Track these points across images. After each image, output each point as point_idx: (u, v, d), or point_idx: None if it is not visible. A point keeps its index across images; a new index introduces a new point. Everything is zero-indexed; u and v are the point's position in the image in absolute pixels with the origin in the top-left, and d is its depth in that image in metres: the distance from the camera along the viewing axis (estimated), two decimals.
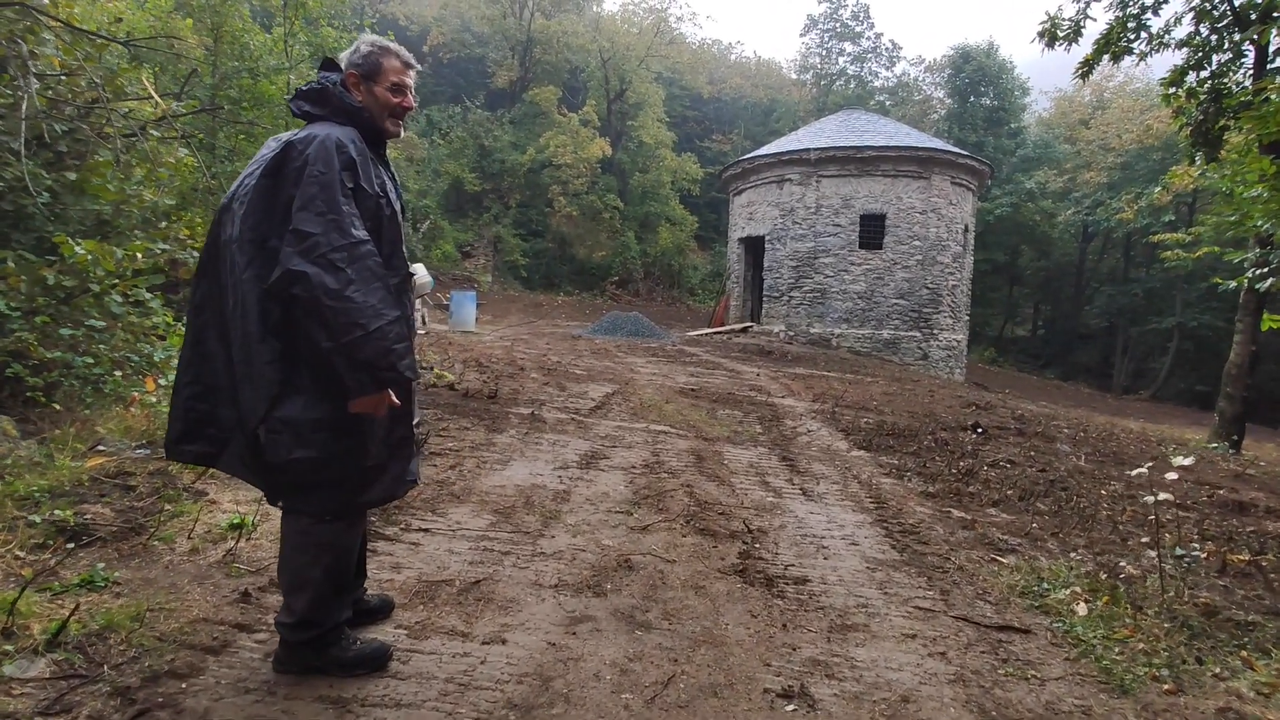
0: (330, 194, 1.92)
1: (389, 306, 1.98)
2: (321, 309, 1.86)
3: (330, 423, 2.01)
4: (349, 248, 1.91)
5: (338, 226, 1.91)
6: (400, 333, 2.00)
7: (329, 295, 1.86)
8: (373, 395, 1.99)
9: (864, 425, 7.72)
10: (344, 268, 1.90)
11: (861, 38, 40.32)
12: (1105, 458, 7.76)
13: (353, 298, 1.90)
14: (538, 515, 3.75)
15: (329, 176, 1.93)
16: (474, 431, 5.59)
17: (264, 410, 1.93)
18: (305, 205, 1.89)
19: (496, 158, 29.61)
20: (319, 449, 1.99)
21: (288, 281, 1.86)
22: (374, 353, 1.92)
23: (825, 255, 19.11)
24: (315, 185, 1.91)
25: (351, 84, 2.19)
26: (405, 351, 2.01)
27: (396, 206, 2.22)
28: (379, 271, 1.99)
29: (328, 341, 1.89)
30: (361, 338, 1.90)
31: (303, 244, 1.86)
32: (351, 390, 1.97)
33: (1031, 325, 38.33)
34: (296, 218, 1.88)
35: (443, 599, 2.69)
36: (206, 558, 2.81)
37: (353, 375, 1.94)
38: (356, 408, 2.01)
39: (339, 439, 2.03)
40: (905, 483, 5.29)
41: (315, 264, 1.86)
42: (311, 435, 1.98)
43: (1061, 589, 3.14)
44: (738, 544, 3.54)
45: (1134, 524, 4.62)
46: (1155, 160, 27.45)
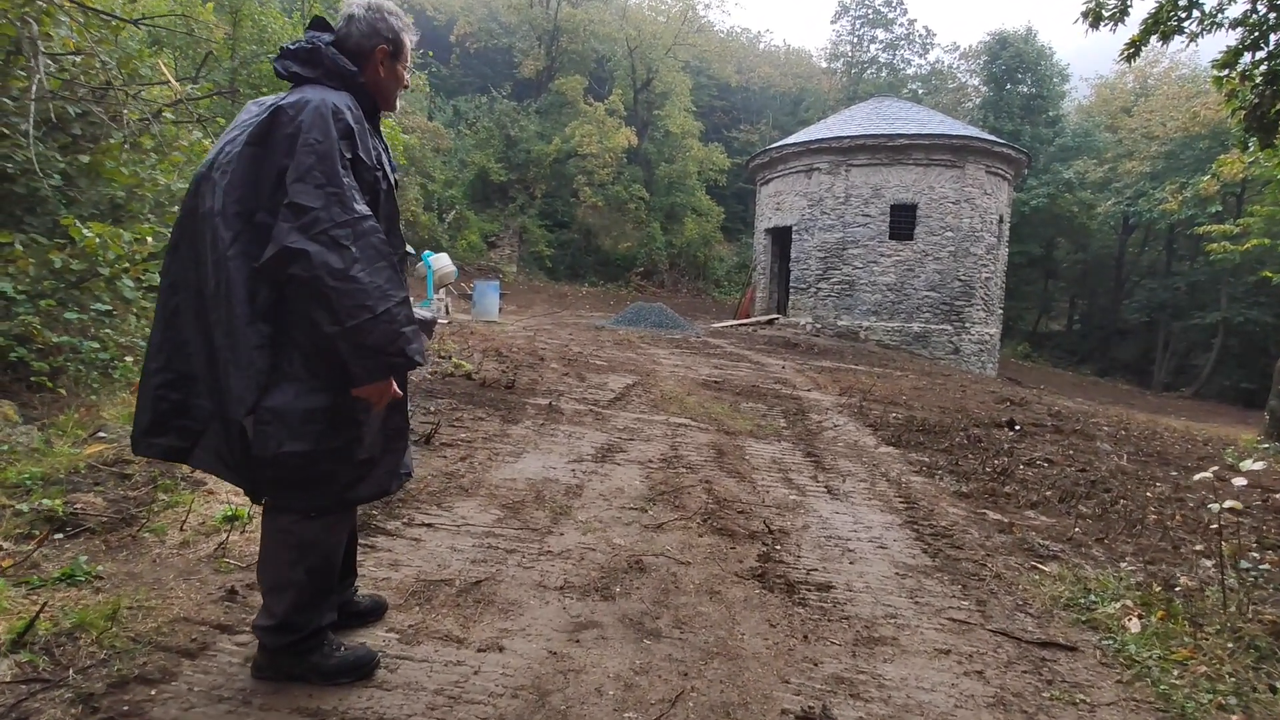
0: (329, 165, 1.75)
1: (395, 287, 1.83)
2: (324, 290, 1.71)
3: (325, 413, 1.85)
4: (352, 223, 1.76)
5: (339, 200, 1.75)
6: (408, 315, 1.85)
7: (333, 275, 1.71)
8: (379, 382, 1.85)
9: (893, 420, 7.45)
10: (348, 245, 1.74)
11: (894, 24, 39.44)
12: (1149, 457, 7.39)
13: (358, 278, 1.74)
14: (548, 511, 3.58)
15: (326, 145, 1.76)
16: (488, 422, 5.45)
17: (252, 400, 1.77)
18: (302, 177, 1.72)
19: (522, 148, 29.50)
20: (312, 441, 1.83)
21: (285, 260, 1.70)
22: (382, 337, 1.78)
23: (854, 246, 18.68)
24: (312, 155, 1.74)
25: (381, 59, 2.04)
26: (414, 335, 1.87)
27: (392, 180, 2.05)
28: (384, 249, 1.83)
29: (332, 325, 1.74)
30: (369, 321, 1.75)
31: (301, 219, 1.70)
32: (357, 377, 1.82)
33: (1067, 320, 37.28)
34: (293, 190, 1.71)
35: (440, 600, 2.53)
36: (197, 551, 2.69)
37: (359, 361, 1.79)
38: (360, 395, 1.86)
39: (334, 431, 1.87)
40: (937, 481, 5.03)
41: (316, 241, 1.70)
42: (304, 427, 1.82)
43: (1111, 602, 2.89)
44: (757, 545, 3.33)
45: (1186, 530, 4.32)
46: (1202, 149, 26.40)
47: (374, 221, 1.83)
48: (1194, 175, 25.31)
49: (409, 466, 2.19)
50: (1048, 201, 30.08)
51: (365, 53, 2.02)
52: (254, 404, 1.78)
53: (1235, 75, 11.19)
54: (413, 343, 1.86)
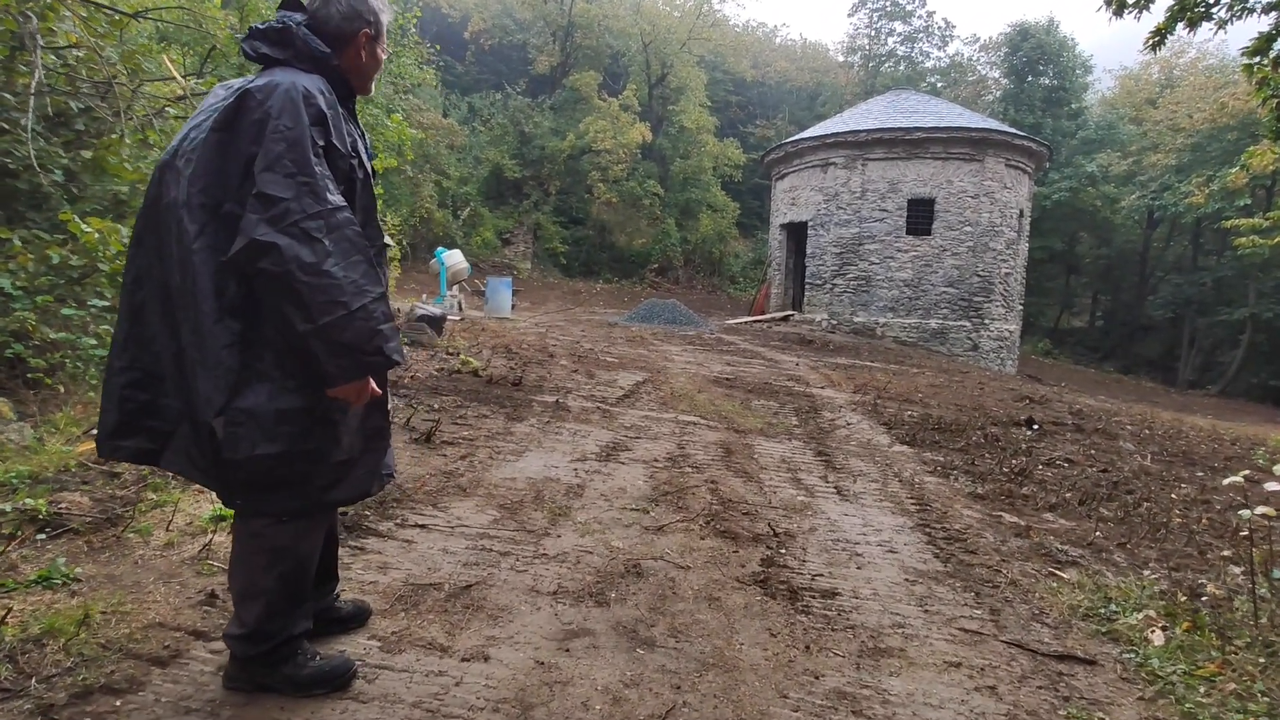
0: (300, 153, 1.66)
1: (372, 282, 1.74)
2: (296, 286, 1.62)
3: (299, 413, 1.76)
4: (325, 215, 1.66)
5: (311, 190, 1.65)
6: (386, 311, 1.76)
7: (305, 270, 1.62)
8: (356, 382, 1.76)
9: (908, 419, 7.28)
10: (320, 238, 1.65)
11: (913, 16, 38.90)
12: (1174, 458, 7.16)
13: (332, 273, 1.65)
14: (546, 512, 3.48)
15: (296, 132, 1.67)
16: (492, 420, 5.37)
17: (222, 400, 1.69)
18: (271, 165, 1.63)
19: (536, 144, 29.46)
20: (286, 443, 1.75)
21: (254, 254, 1.61)
22: (358, 334, 1.69)
23: (870, 241, 18.42)
24: (282, 142, 1.65)
25: (363, 43, 1.94)
26: (392, 333, 1.77)
27: (369, 168, 1.96)
28: (359, 242, 1.74)
29: (304, 323, 1.65)
30: (344, 318, 1.66)
31: (270, 210, 1.61)
32: (332, 377, 1.73)
33: (1089, 316, 36.62)
34: (261, 180, 1.62)
35: (427, 606, 2.44)
36: (181, 552, 2.62)
37: (334, 360, 1.70)
38: (336, 395, 1.77)
39: (309, 431, 1.79)
40: (951, 482, 4.88)
41: (286, 234, 1.61)
42: (277, 427, 1.73)
43: (1133, 611, 2.74)
44: (761, 549, 3.21)
45: (1213, 534, 4.14)
46: (1230, 141, 25.71)
47: (348, 213, 1.74)
48: (1221, 168, 24.66)
49: (390, 467, 2.10)
50: (1070, 195, 29.52)
51: (346, 37, 1.92)
52: (224, 405, 1.69)
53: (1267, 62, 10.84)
54: (390, 340, 1.77)
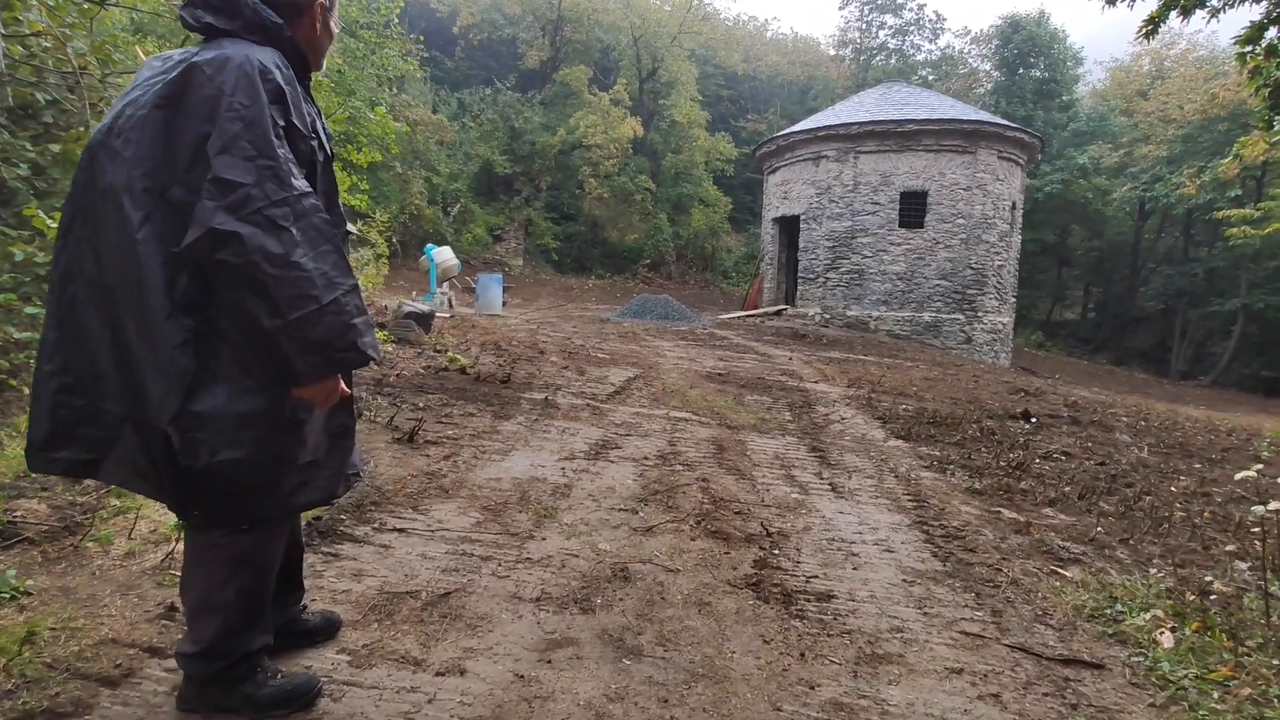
0: (259, 133, 1.52)
1: (343, 273, 1.61)
2: (261, 279, 1.49)
3: (263, 415, 1.63)
4: (290, 201, 1.53)
5: (274, 175, 1.52)
6: (359, 304, 1.63)
7: (271, 262, 1.48)
8: (327, 380, 1.64)
9: (902, 413, 7.18)
10: (287, 226, 1.52)
11: (904, 9, 38.75)
12: (1171, 449, 7.10)
13: (301, 264, 1.52)
14: (531, 513, 3.36)
15: (254, 110, 1.53)
16: (479, 418, 5.24)
17: (176, 404, 1.55)
18: (228, 147, 1.49)
19: (527, 139, 29.23)
20: (249, 448, 1.62)
21: (212, 244, 1.47)
22: (330, 330, 1.56)
23: (863, 235, 18.32)
24: (238, 122, 1.51)
25: (319, 14, 1.80)
26: (366, 327, 1.64)
27: (329, 150, 1.83)
28: (328, 231, 1.61)
29: (272, 319, 1.51)
30: (315, 312, 1.53)
31: (229, 197, 1.47)
32: (302, 375, 1.60)
33: (1081, 308, 36.69)
34: (218, 163, 1.48)
35: (402, 615, 2.32)
36: (142, 562, 2.49)
37: (304, 358, 1.57)
38: (304, 395, 1.64)
39: (274, 434, 1.66)
40: (948, 477, 4.78)
41: (248, 222, 1.47)
42: (239, 432, 1.60)
43: (1139, 611, 2.64)
44: (753, 550, 3.10)
45: (1216, 528, 4.05)
46: (1220, 132, 25.72)
47: (315, 199, 1.61)
48: (1212, 159, 24.68)
49: (357, 465, 1.98)
50: (1061, 188, 29.51)
51: (300, 6, 1.78)
52: (179, 409, 1.56)
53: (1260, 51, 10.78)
54: (365, 335, 1.64)
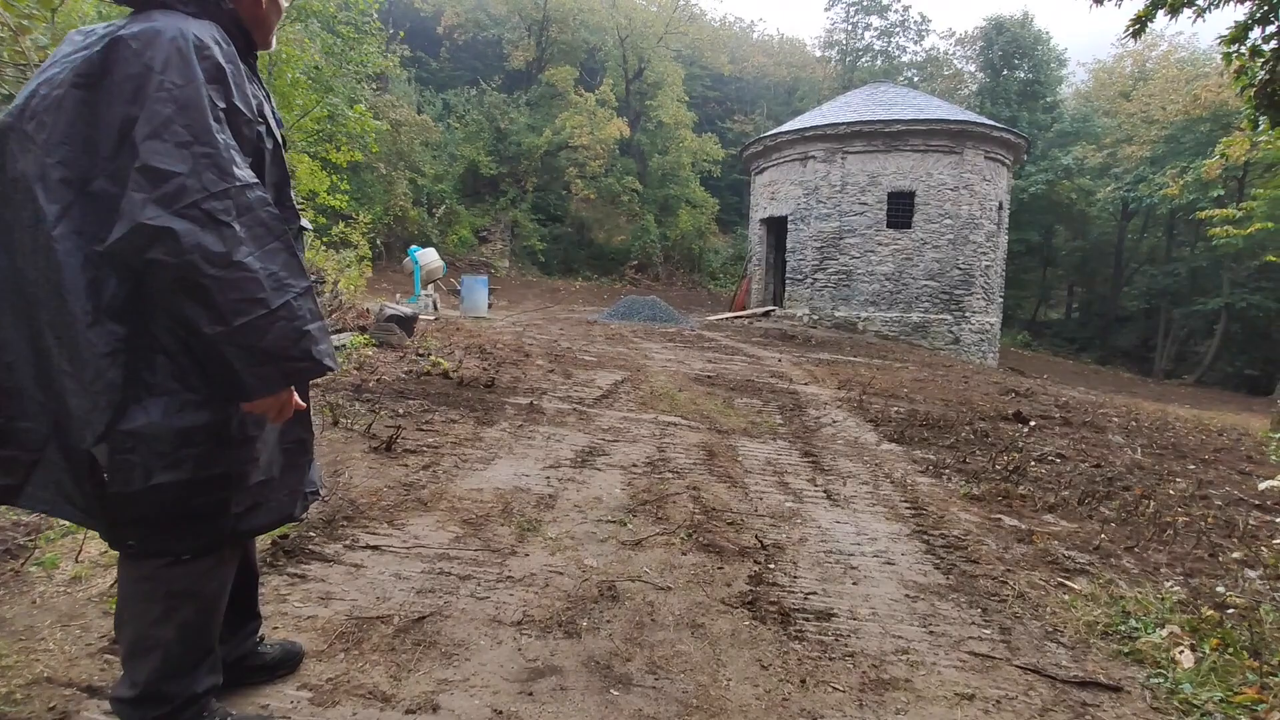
0: (195, 116, 1.34)
1: (295, 274, 1.43)
2: (201, 281, 1.31)
3: (206, 431, 1.46)
4: (232, 193, 1.35)
5: (213, 163, 1.34)
6: (314, 308, 1.45)
7: (211, 261, 1.31)
8: (279, 393, 1.46)
9: (894, 415, 7.07)
10: (228, 222, 1.34)
11: (889, 11, 38.90)
12: (1164, 450, 7.03)
13: (246, 264, 1.35)
14: (514, 526, 3.19)
15: (189, 91, 1.35)
16: (461, 425, 5.05)
17: (104, 423, 1.38)
18: (158, 132, 1.31)
19: (513, 140, 28.99)
20: (191, 468, 1.44)
21: (141, 242, 1.29)
22: (281, 337, 1.38)
23: (851, 235, 18.27)
24: (170, 104, 1.33)
25: None
26: (321, 333, 1.46)
27: (278, 137, 1.65)
28: (277, 226, 1.43)
29: (214, 326, 1.33)
30: (264, 318, 1.36)
31: (161, 188, 1.29)
32: (250, 389, 1.42)
33: (1065, 308, 36.94)
34: (146, 149, 1.30)
35: (372, 643, 2.14)
36: (88, 588, 2.30)
37: (252, 369, 1.39)
38: (253, 409, 1.47)
39: (220, 452, 1.48)
40: (944, 482, 4.65)
41: (184, 217, 1.29)
42: (179, 451, 1.43)
43: (1155, 627, 2.51)
44: (748, 564, 2.95)
45: (1220, 534, 3.95)
46: (1202, 132, 25.96)
47: (261, 190, 1.43)
48: (1195, 159, 24.89)
49: (315, 483, 1.80)
50: (1046, 188, 29.67)
51: None
52: (106, 428, 1.39)
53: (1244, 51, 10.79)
54: (320, 343, 1.47)
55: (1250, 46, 11.28)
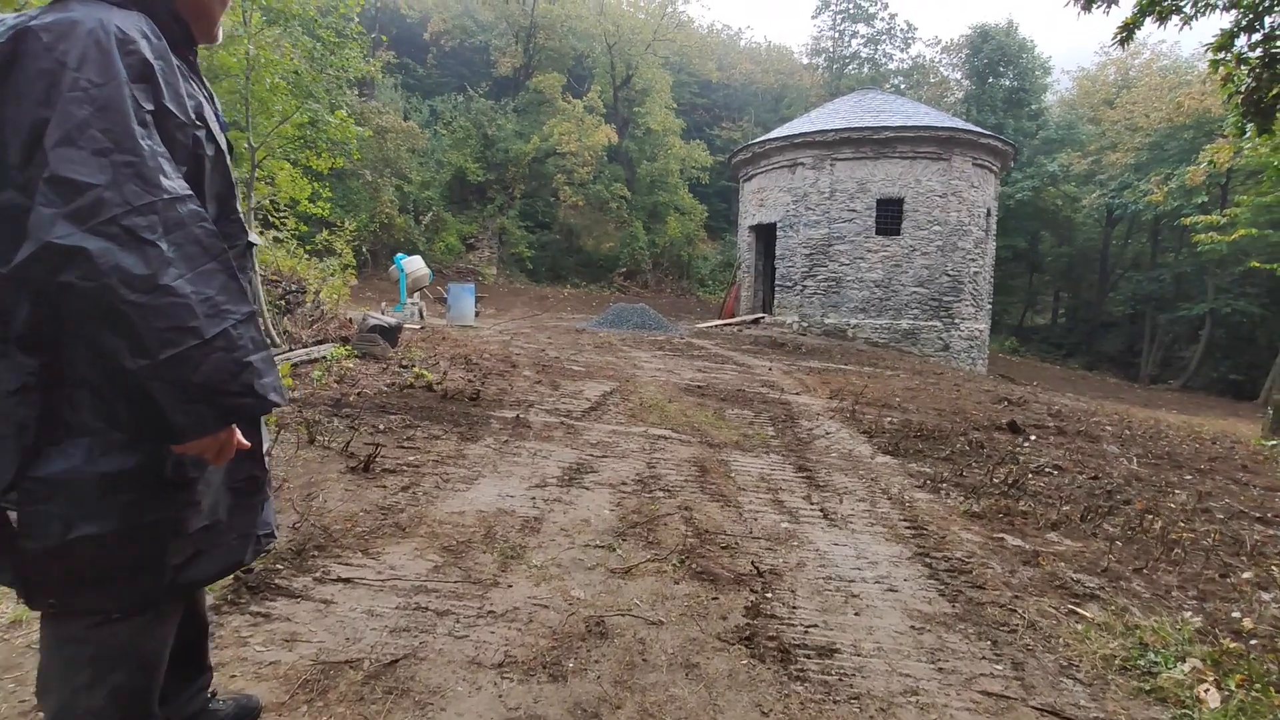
0: (115, 119, 1.17)
1: (234, 299, 1.26)
2: (121, 307, 1.13)
3: (135, 476, 1.28)
4: (160, 207, 1.18)
5: (136, 173, 1.17)
6: (257, 336, 1.28)
7: (133, 285, 1.13)
8: (216, 433, 1.28)
9: (888, 426, 6.95)
10: (154, 240, 1.16)
11: (875, 19, 39.16)
12: (1159, 460, 6.94)
13: (175, 288, 1.17)
14: (497, 554, 3.02)
15: (109, 90, 1.18)
16: (444, 441, 4.87)
17: (12, 470, 1.20)
18: (72, 137, 1.14)
19: (500, 147, 28.84)
20: (119, 518, 1.27)
21: (53, 264, 1.11)
22: (218, 370, 1.21)
23: (840, 242, 18.23)
24: (85, 105, 1.15)
25: None
26: (266, 365, 1.29)
27: (221, 142, 1.48)
28: (214, 244, 1.25)
29: (136, 358, 1.16)
30: (196, 349, 1.18)
31: (74, 202, 1.12)
32: (181, 429, 1.23)
33: (1051, 313, 37.16)
34: (56, 157, 1.12)
35: (339, 693, 1.97)
36: (29, 632, 2.11)
37: (183, 408, 1.21)
38: (187, 451, 1.29)
39: (153, 498, 1.31)
40: (943, 498, 4.52)
41: (100, 235, 1.12)
42: (105, 499, 1.25)
43: (1175, 661, 2.38)
44: (744, 593, 2.79)
45: (1228, 551, 3.83)
46: (1186, 139, 26.20)
47: (196, 204, 1.26)
48: (1179, 166, 25.10)
49: (270, 524, 1.63)
50: (1032, 194, 29.85)
51: None
52: (14, 476, 1.21)
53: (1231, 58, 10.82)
54: (264, 375, 1.29)
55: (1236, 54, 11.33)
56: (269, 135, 7.05)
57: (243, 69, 6.69)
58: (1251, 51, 11.08)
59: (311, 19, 6.94)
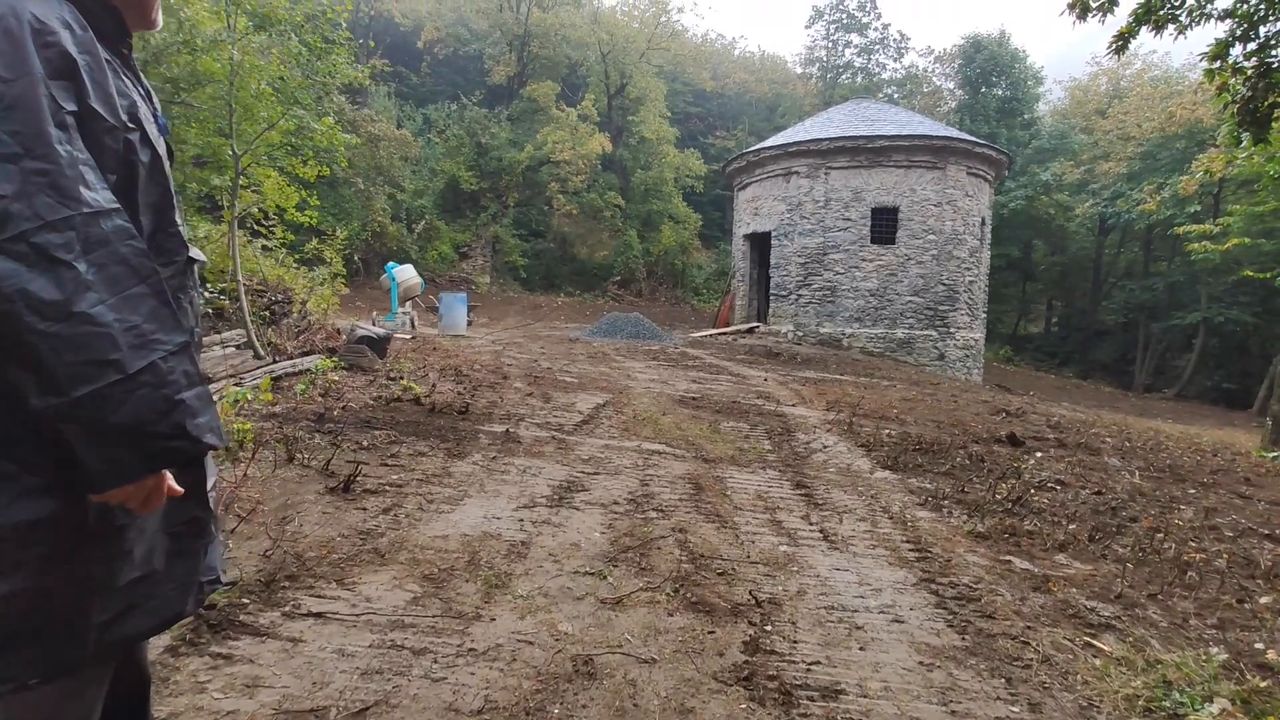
0: (27, 120, 1.01)
1: (166, 327, 1.10)
2: (27, 339, 0.98)
3: (54, 525, 1.11)
4: (78, 222, 1.02)
5: (50, 183, 1.01)
6: (191, 370, 1.12)
7: (43, 313, 0.98)
8: (141, 480, 1.12)
9: (886, 438, 6.81)
10: (69, 260, 1.00)
11: (868, 29, 39.33)
12: (1161, 473, 6.82)
13: (93, 316, 1.02)
14: (480, 582, 2.86)
15: (20, 88, 1.02)
16: (430, 458, 4.71)
17: None
18: None
19: (494, 155, 28.74)
20: (34, 574, 1.10)
21: None
22: (144, 410, 1.05)
23: (835, 251, 18.16)
24: None
25: None
26: (201, 402, 1.12)
27: (159, 147, 1.33)
28: (142, 265, 1.09)
29: (45, 396, 1.00)
30: (117, 386, 1.03)
31: None
32: (99, 476, 1.07)
33: (1044, 322, 37.21)
34: None
35: None
36: None
37: (100, 451, 1.05)
38: (108, 500, 1.13)
39: (73, 550, 1.14)
40: (945, 517, 4.37)
41: (6, 254, 0.97)
42: (18, 552, 1.08)
43: (1202, 702, 2.23)
44: (742, 626, 2.63)
45: (1243, 573, 3.69)
46: (1178, 149, 26.31)
47: (123, 219, 1.10)
48: (1171, 175, 25.19)
49: (216, 569, 1.46)
50: (1026, 204, 29.91)
51: None
52: None
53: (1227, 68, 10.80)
54: (199, 415, 1.12)
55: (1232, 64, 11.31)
56: (254, 142, 6.89)
57: (227, 75, 6.54)
58: (1246, 61, 11.08)
59: (298, 24, 6.80)
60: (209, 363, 5.97)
